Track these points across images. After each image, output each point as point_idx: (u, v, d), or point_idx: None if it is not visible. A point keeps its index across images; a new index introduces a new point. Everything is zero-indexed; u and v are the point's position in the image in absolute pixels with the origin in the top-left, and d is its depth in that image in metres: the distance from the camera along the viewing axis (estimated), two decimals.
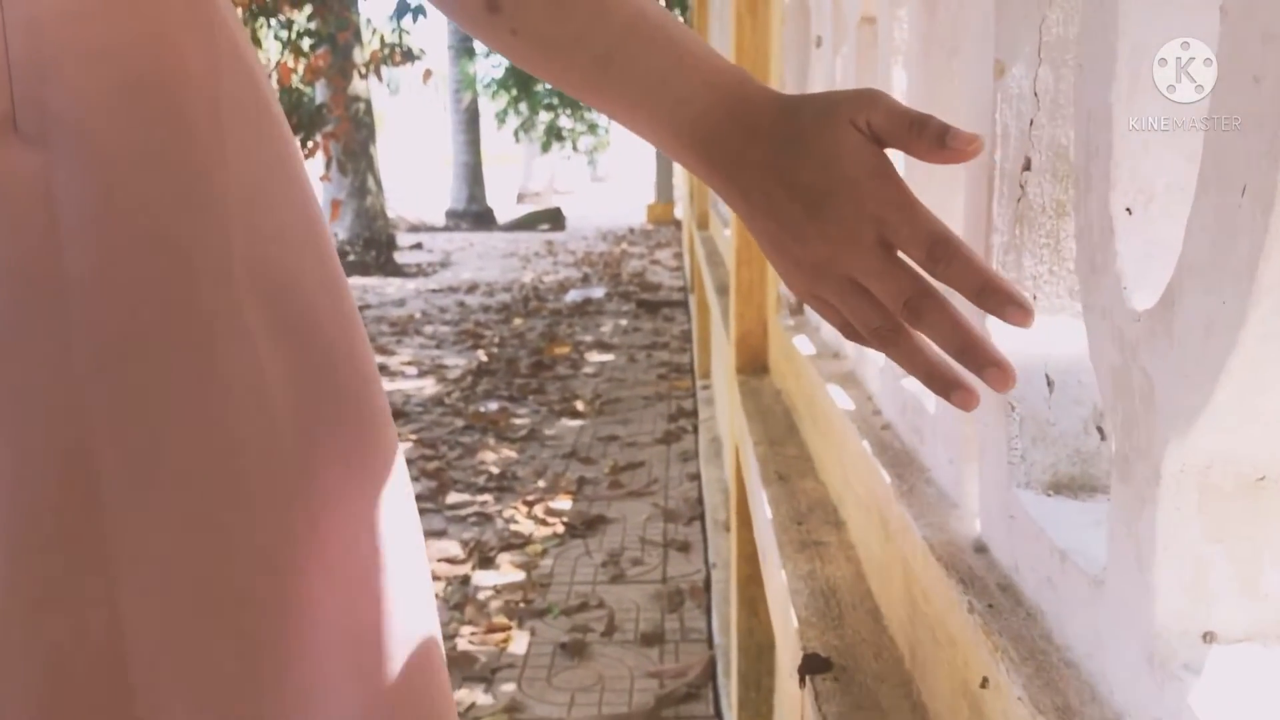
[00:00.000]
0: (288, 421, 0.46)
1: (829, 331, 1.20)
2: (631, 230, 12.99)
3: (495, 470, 3.44)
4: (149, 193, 0.43)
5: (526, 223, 13.88)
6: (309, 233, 0.50)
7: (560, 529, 2.91)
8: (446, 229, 13.63)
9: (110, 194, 0.42)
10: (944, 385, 0.49)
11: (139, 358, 0.42)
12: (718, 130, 0.52)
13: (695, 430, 3.82)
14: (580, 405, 4.28)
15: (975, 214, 0.61)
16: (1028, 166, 0.58)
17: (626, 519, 2.99)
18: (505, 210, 15.23)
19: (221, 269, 0.44)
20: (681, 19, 10.42)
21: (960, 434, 0.66)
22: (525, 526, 2.93)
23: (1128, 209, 0.41)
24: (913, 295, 0.47)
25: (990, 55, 0.57)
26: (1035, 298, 0.59)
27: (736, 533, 1.61)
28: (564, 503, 3.11)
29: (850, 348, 1.08)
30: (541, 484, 3.29)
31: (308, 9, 7.50)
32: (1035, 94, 0.57)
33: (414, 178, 22.53)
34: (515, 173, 20.55)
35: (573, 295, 7.41)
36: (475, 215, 13.99)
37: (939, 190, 0.77)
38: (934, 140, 0.47)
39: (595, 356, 5.33)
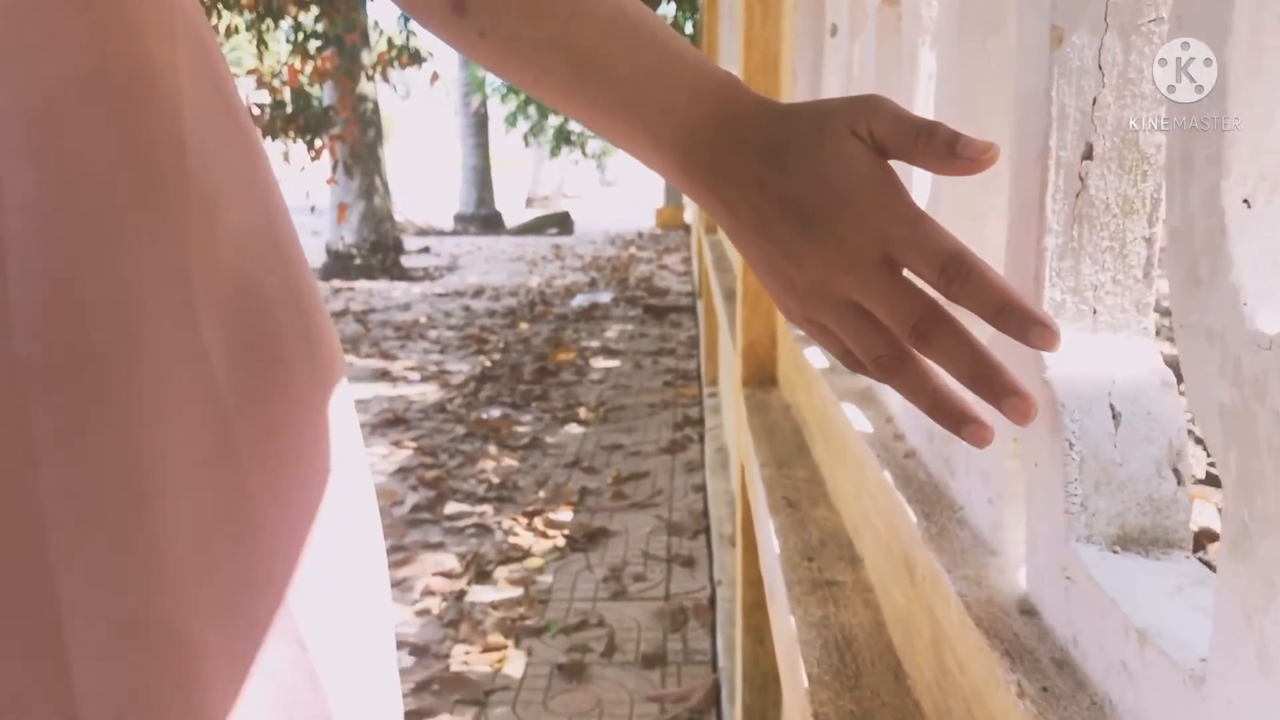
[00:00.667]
0: (236, 447, 0.42)
1: None
2: (640, 234, 12.92)
3: (495, 479, 3.35)
4: (101, 197, 0.39)
5: (534, 227, 13.81)
6: (272, 237, 0.46)
7: (561, 542, 2.81)
8: (454, 233, 13.58)
9: (59, 198, 0.38)
10: (954, 418, 0.43)
11: (83, 379, 0.38)
12: (702, 141, 0.47)
13: (701, 439, 3.72)
14: (584, 412, 4.19)
15: (1024, 213, 0.52)
16: (1089, 154, 0.48)
17: (629, 531, 2.89)
18: (514, 214, 15.18)
19: (178, 281, 0.40)
20: (691, 20, 10.37)
21: (1001, 470, 0.56)
22: (525, 539, 2.84)
23: (1245, 200, 0.31)
24: (922, 318, 0.42)
25: (1045, 21, 0.48)
26: (1095, 311, 0.50)
27: (742, 554, 1.51)
28: (565, 514, 3.02)
29: None
30: (542, 494, 3.20)
31: (314, 10, 7.44)
32: (1099, 67, 0.47)
33: (423, 181, 22.51)
34: (524, 176, 20.50)
35: (579, 300, 7.32)
36: (483, 219, 13.93)
37: (973, 188, 0.67)
38: (943, 149, 0.42)
39: (601, 363, 5.24)
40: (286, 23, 7.43)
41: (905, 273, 0.43)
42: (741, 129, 0.46)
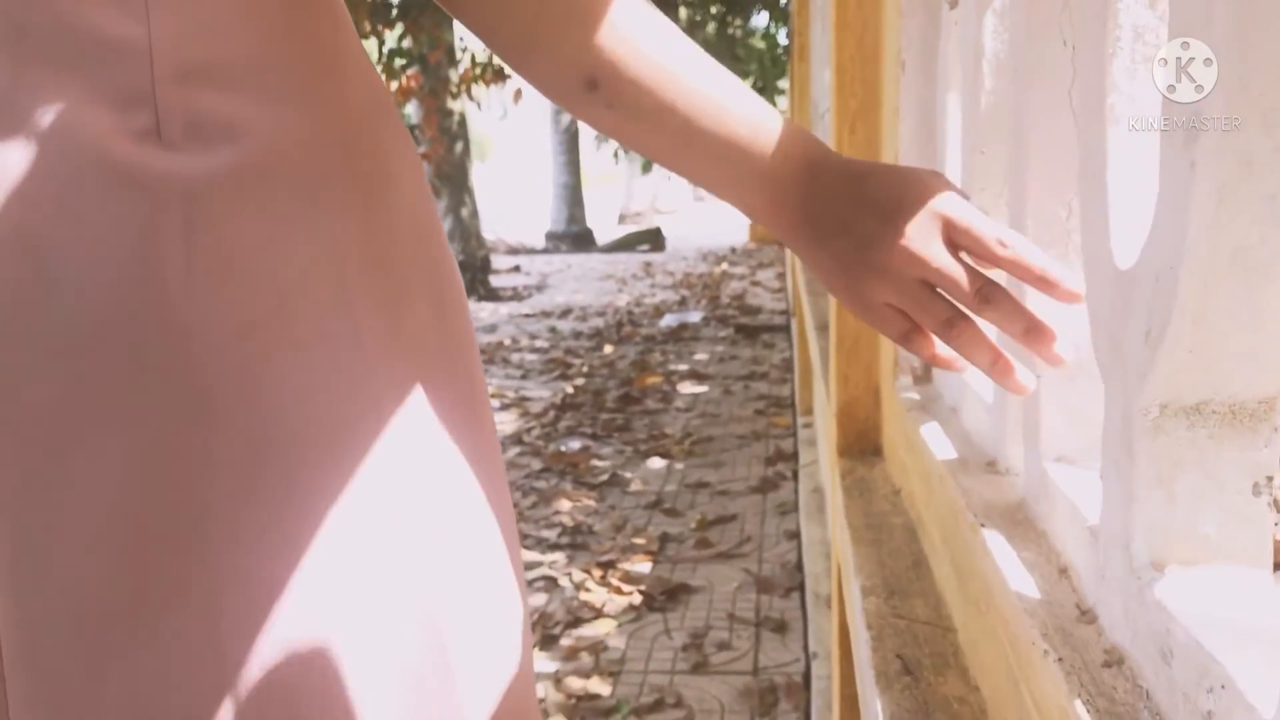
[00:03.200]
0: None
1: (975, 420, 0.81)
2: (733, 250, 12.61)
3: (569, 522, 3.09)
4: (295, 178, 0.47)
5: (626, 244, 13.61)
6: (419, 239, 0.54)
7: (637, 599, 2.53)
8: (546, 251, 13.46)
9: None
10: (1007, 367, 0.53)
11: (248, 347, 0.44)
12: (789, 174, 0.56)
13: (795, 476, 3.41)
14: (668, 445, 3.91)
15: None
16: None
17: (714, 588, 2.60)
18: (606, 231, 15.02)
19: (336, 261, 0.47)
20: (785, 28, 10.10)
21: None
22: (597, 595, 2.57)
23: None
24: (983, 284, 0.53)
25: None
26: None
27: (838, 666, 1.21)
28: (643, 565, 2.74)
29: (1019, 460, 0.68)
30: (619, 540, 2.93)
31: (399, 28, 7.36)
32: None
33: (519, 200, 22.61)
34: (617, 193, 20.41)
35: (668, 320, 7.06)
36: (575, 236, 13.79)
37: None
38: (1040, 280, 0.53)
39: (688, 388, 4.96)
40: (371, 41, 7.36)
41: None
42: (829, 164, 0.56)
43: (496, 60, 8.05)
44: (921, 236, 0.53)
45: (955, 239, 0.53)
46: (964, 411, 0.86)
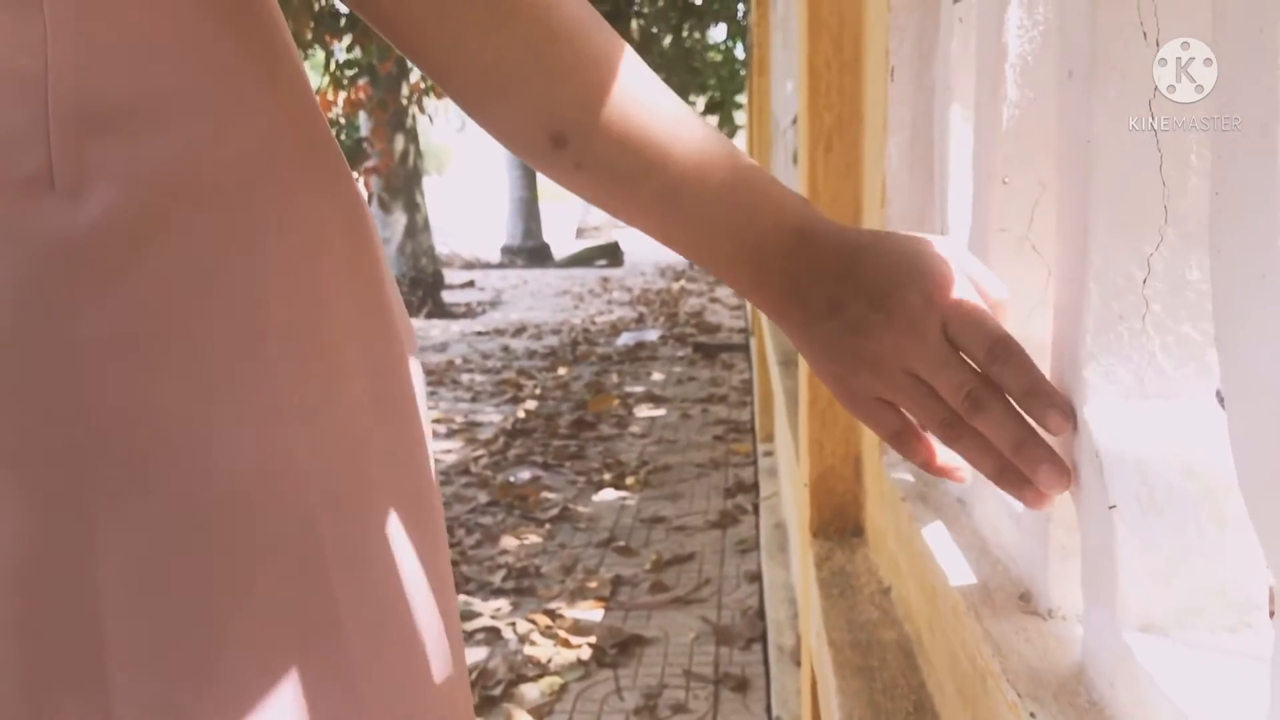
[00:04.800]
0: None
1: (994, 526, 0.63)
2: (691, 265, 12.46)
3: (515, 563, 2.88)
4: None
5: (583, 259, 13.42)
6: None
7: (586, 653, 2.33)
8: (501, 265, 13.23)
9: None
10: (1018, 481, 0.47)
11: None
12: (775, 246, 0.50)
13: (756, 510, 3.23)
14: (623, 475, 3.72)
15: None
16: None
17: (669, 638, 2.41)
18: (563, 245, 14.82)
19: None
20: (742, 43, 9.97)
21: None
22: (543, 649, 2.36)
23: None
24: (975, 386, 0.47)
25: None
26: None
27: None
28: (594, 613, 2.54)
29: (1069, 600, 0.50)
30: (568, 584, 2.72)
31: (348, 38, 7.13)
32: None
33: (475, 214, 22.38)
34: (574, 207, 20.25)
35: (625, 339, 6.87)
36: (531, 251, 13.58)
37: None
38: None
39: (644, 411, 4.77)
40: (319, 52, 7.13)
41: None
42: (820, 235, 0.50)
43: None
44: (915, 326, 0.48)
45: (950, 334, 0.48)
46: (977, 511, 0.67)
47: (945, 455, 0.51)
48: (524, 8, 0.45)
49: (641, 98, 0.47)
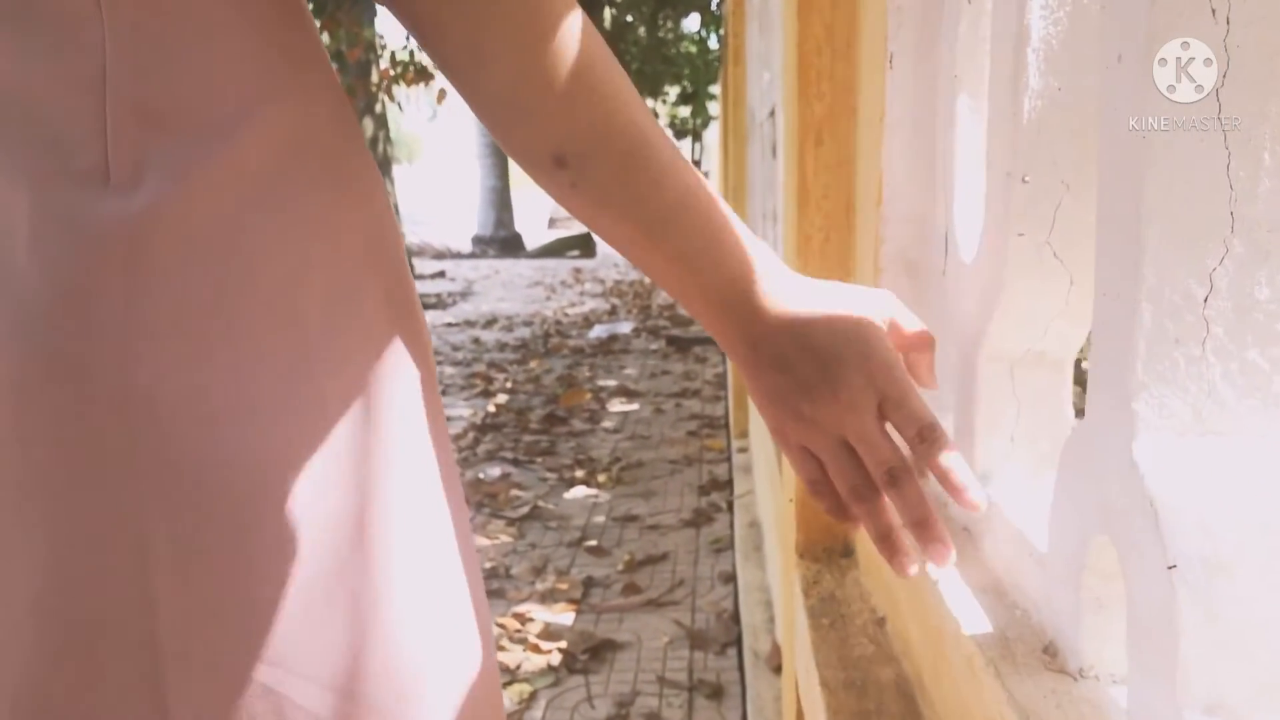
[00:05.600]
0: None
1: (1008, 563, 0.57)
2: None
3: (485, 563, 2.81)
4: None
5: (555, 249, 13.31)
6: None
7: (556, 659, 2.26)
8: (472, 256, 13.10)
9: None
10: (896, 549, 0.54)
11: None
12: (745, 299, 0.55)
13: (730, 507, 3.17)
14: (595, 472, 3.65)
15: None
16: None
17: (642, 643, 2.34)
18: (535, 236, 14.70)
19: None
20: (716, 34, 9.89)
21: None
22: (512, 654, 2.29)
23: None
24: (895, 465, 0.53)
25: None
26: None
27: None
28: (564, 616, 2.47)
29: (1105, 659, 0.44)
30: (539, 585, 2.66)
31: (315, 24, 6.98)
32: None
33: (447, 204, 22.19)
34: (547, 197, 20.09)
35: (597, 331, 6.80)
36: (503, 241, 13.46)
37: None
38: (927, 365, 0.58)
39: (617, 406, 4.70)
40: None
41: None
42: (779, 289, 0.55)
43: (419, 59, 7.72)
44: (854, 403, 0.53)
45: (885, 411, 0.53)
46: (988, 546, 0.61)
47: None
48: (545, 43, 0.49)
49: (640, 135, 0.52)
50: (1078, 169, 0.55)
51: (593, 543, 2.96)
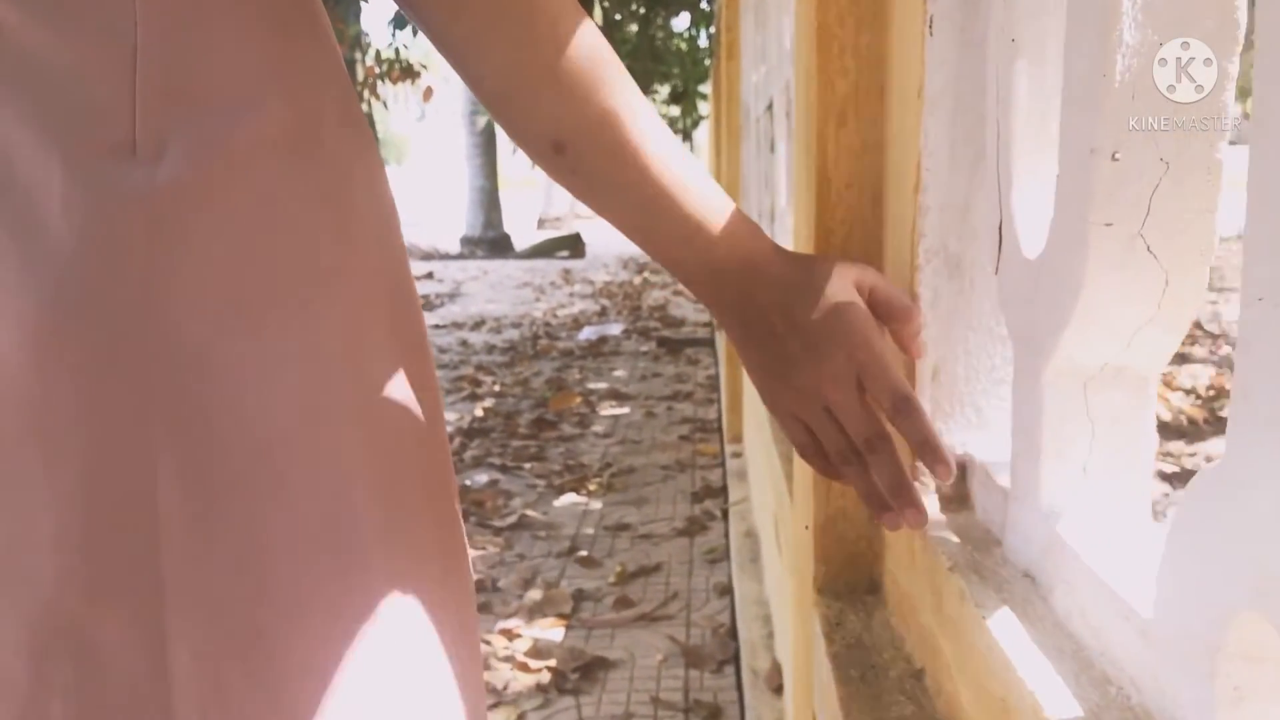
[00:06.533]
0: None
1: (1079, 608, 0.47)
2: None
3: (473, 576, 2.70)
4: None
5: (544, 250, 13.20)
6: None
7: (545, 678, 2.16)
8: (461, 256, 12.97)
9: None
10: (880, 504, 0.60)
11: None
12: (731, 271, 0.60)
13: (725, 515, 3.07)
14: (586, 478, 3.54)
15: None
16: None
17: (635, 660, 2.24)
18: (524, 236, 14.58)
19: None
20: (706, 32, 9.79)
21: None
22: (500, 673, 2.18)
23: None
24: (873, 434, 0.59)
25: None
26: None
27: None
28: (554, 632, 2.37)
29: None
30: (527, 599, 2.55)
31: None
32: None
33: (436, 204, 22.06)
34: (536, 197, 20.00)
35: (587, 333, 6.69)
36: (491, 242, 13.33)
37: None
38: (910, 335, 0.64)
39: (607, 409, 4.60)
40: None
41: None
42: (767, 268, 0.60)
43: (404, 56, 7.61)
44: (836, 377, 0.59)
45: (864, 383, 0.59)
46: (1060, 598, 0.51)
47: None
48: (546, 35, 0.52)
49: (634, 119, 0.55)
50: (1182, 143, 0.45)
51: (583, 553, 2.85)
